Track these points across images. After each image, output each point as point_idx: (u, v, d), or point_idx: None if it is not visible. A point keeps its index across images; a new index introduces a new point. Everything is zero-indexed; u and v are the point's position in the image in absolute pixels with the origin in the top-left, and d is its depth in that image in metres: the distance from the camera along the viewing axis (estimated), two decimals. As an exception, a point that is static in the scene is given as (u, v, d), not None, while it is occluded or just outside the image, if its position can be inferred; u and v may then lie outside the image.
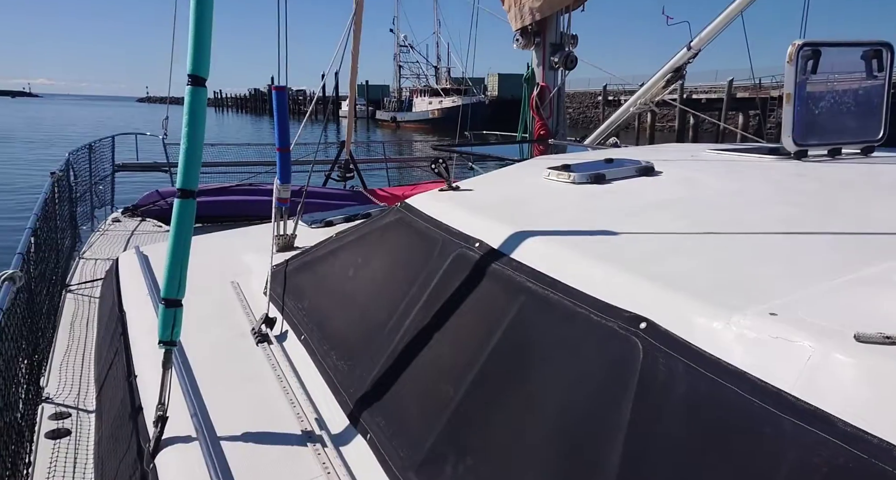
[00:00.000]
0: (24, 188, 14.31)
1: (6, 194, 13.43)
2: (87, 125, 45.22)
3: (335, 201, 5.69)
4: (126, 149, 7.36)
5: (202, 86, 1.41)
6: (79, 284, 3.65)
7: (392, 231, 1.98)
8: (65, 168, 4.62)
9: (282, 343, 1.96)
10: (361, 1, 2.92)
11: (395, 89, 69.19)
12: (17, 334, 2.25)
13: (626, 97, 5.45)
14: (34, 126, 43.42)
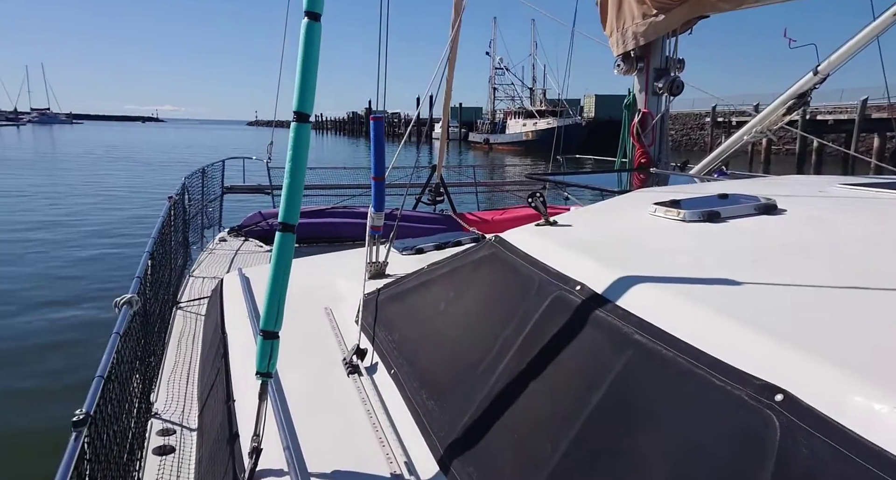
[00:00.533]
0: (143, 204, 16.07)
1: (127, 210, 15.12)
2: (201, 147, 49.89)
3: (425, 225, 5.80)
4: (234, 171, 7.95)
5: (306, 123, 1.46)
6: (188, 301, 3.86)
7: (485, 266, 1.94)
8: (181, 192, 5.01)
9: (372, 375, 1.95)
10: (458, 26, 3.00)
11: (488, 111, 70.18)
12: (133, 354, 2.37)
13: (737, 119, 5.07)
14: (156, 148, 48.49)
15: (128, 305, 2.26)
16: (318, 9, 1.39)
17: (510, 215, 6.42)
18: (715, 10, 3.87)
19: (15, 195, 17.16)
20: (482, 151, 55.31)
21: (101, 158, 32.93)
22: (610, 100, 51.74)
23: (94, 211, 14.69)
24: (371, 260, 2.70)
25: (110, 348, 1.98)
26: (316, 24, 1.40)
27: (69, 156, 33.80)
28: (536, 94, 62.03)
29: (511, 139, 55.84)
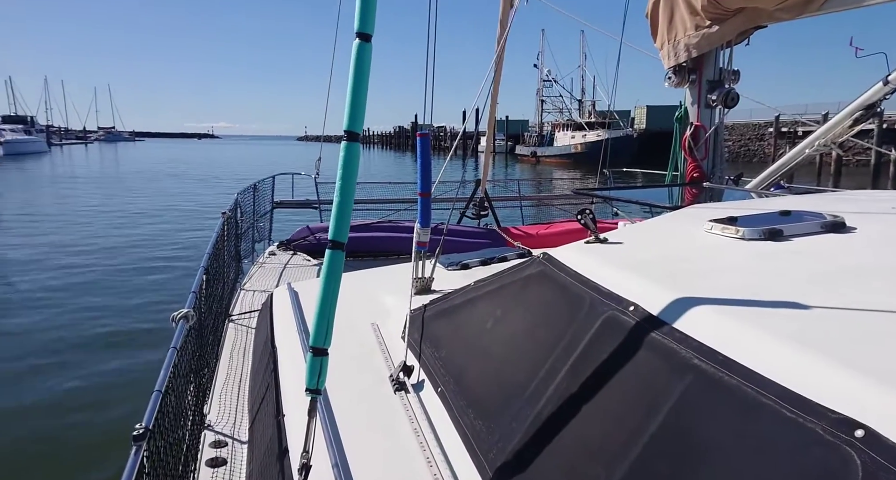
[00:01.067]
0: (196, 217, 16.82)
1: (181, 223, 15.86)
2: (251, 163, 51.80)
3: (469, 239, 5.84)
4: (283, 186, 8.19)
5: (356, 142, 1.47)
6: (239, 314, 3.95)
7: (533, 284, 1.91)
8: (234, 207, 5.18)
9: (419, 393, 1.95)
10: (504, 41, 3.04)
11: (535, 124, 69.96)
12: (188, 367, 2.44)
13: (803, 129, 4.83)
14: (209, 164, 50.68)
15: (184, 320, 2.33)
16: (368, 30, 1.42)
17: (555, 230, 6.38)
18: (772, 20, 3.78)
19: (82, 209, 18.30)
20: (529, 164, 55.09)
21: (159, 174, 34.67)
22: (662, 111, 50.69)
23: (151, 224, 15.49)
24: (417, 276, 2.73)
25: (167, 362, 2.04)
26: (367, 44, 1.42)
27: (130, 173, 35.72)
28: (585, 106, 61.47)
29: (559, 152, 55.44)
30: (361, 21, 1.40)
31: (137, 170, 37.25)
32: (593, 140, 49.24)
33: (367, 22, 1.41)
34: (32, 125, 74.36)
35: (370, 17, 1.42)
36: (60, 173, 34.81)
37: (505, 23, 4.15)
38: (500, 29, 4.27)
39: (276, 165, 22.54)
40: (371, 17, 1.42)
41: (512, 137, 71.29)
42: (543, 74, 65.81)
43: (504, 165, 52.27)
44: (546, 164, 53.35)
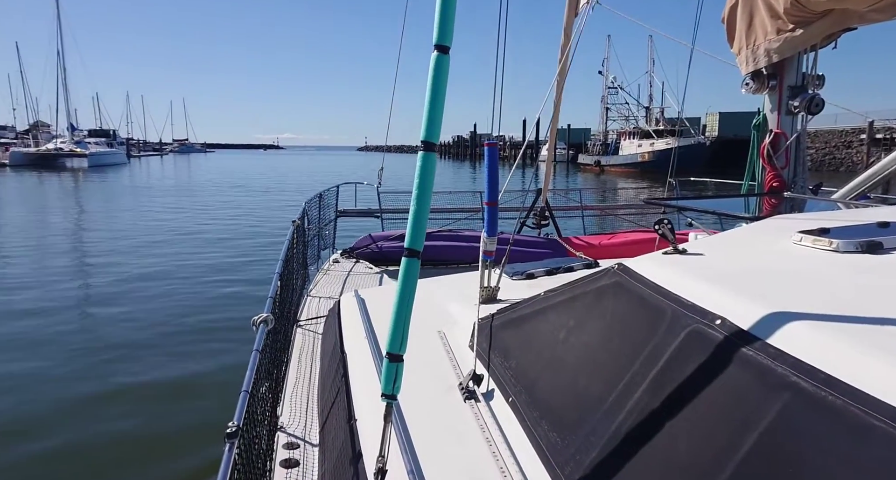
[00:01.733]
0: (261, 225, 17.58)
1: (248, 229, 16.62)
2: (316, 173, 53.59)
3: (530, 249, 5.83)
4: (346, 196, 8.45)
5: (432, 152, 1.48)
6: (306, 320, 4.09)
7: (608, 295, 1.89)
8: (302, 216, 5.38)
9: (489, 402, 1.97)
10: (568, 51, 3.06)
11: (599, 132, 68.81)
12: (266, 370, 2.53)
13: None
14: (272, 174, 52.80)
15: (264, 323, 2.42)
16: (447, 42, 1.45)
17: (619, 240, 6.27)
18: (864, 22, 3.59)
19: (156, 218, 19.53)
20: (592, 173, 54.13)
21: (226, 184, 36.46)
22: (735, 118, 48.64)
23: (220, 232, 16.32)
24: (484, 285, 2.75)
25: (252, 364, 2.12)
26: (445, 56, 1.45)
27: (200, 184, 37.74)
28: (653, 113, 59.86)
29: (625, 160, 54.22)
30: (440, 33, 1.44)
31: (206, 181, 39.30)
32: (662, 148, 47.88)
33: (445, 34, 1.44)
34: (114, 138, 79.87)
35: (448, 29, 1.45)
36: (137, 183, 37.26)
37: (569, 31, 4.15)
38: (565, 38, 4.27)
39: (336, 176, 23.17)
40: (449, 29, 1.45)
41: (573, 146, 70.37)
42: (609, 81, 64.66)
43: (565, 175, 51.54)
44: (610, 174, 52.25)
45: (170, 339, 7.48)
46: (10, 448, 4.81)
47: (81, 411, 5.53)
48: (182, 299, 9.37)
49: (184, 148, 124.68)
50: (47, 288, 9.87)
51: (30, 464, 4.64)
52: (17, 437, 5.00)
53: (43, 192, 30.24)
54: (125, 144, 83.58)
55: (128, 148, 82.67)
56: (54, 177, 41.02)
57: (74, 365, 6.65)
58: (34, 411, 5.50)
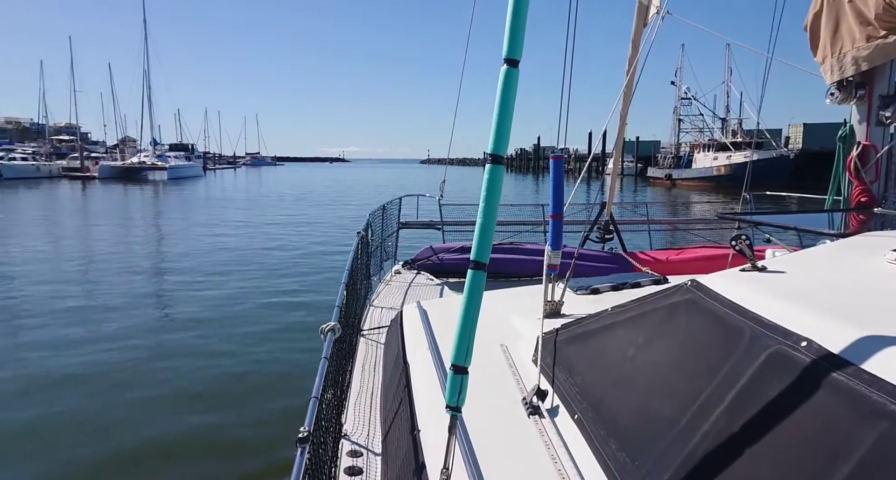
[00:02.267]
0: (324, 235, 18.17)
1: (313, 239, 17.21)
2: (379, 185, 54.83)
3: (594, 263, 5.76)
4: (407, 208, 8.63)
5: (500, 165, 1.50)
6: (369, 330, 4.20)
7: (681, 312, 1.85)
8: (366, 227, 5.55)
9: (553, 418, 1.95)
10: (636, 61, 3.04)
11: (671, 144, 66.71)
12: (332, 378, 2.57)
13: None
14: (337, 186, 54.55)
15: (332, 332, 2.51)
16: (516, 56, 1.46)
17: (688, 255, 6.10)
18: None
19: (228, 228, 20.58)
20: (663, 187, 52.44)
21: (293, 197, 37.92)
22: (822, 129, 46.03)
23: (287, 241, 17.01)
24: (548, 299, 2.75)
25: (321, 371, 2.19)
26: (514, 70, 1.47)
27: (270, 196, 39.42)
28: (730, 125, 57.44)
29: (699, 174, 52.20)
30: (510, 47, 1.45)
31: (275, 193, 40.98)
32: (740, 161, 45.78)
33: (515, 48, 1.46)
34: (192, 152, 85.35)
35: (518, 43, 1.46)
36: (210, 196, 39.33)
37: (637, 43, 4.10)
38: (632, 49, 4.22)
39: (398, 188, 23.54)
40: (519, 43, 1.46)
41: (642, 159, 68.54)
42: (682, 92, 62.68)
43: (633, 188, 50.19)
44: (682, 188, 50.43)
45: (237, 341, 7.90)
46: (93, 444, 5.20)
47: (153, 409, 5.91)
48: (248, 305, 9.83)
49: (255, 161, 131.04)
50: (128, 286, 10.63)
51: (115, 458, 5.00)
52: (101, 433, 5.39)
53: (126, 203, 32.54)
54: (202, 158, 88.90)
55: (204, 161, 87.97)
56: (137, 188, 43.88)
57: (143, 361, 7.14)
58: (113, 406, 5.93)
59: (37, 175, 52.20)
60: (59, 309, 9.43)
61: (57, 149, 66.82)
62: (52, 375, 6.68)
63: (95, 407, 5.91)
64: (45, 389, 6.30)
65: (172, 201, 34.24)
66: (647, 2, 3.89)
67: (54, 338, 7.95)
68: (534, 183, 58.63)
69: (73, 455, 4.99)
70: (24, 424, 5.50)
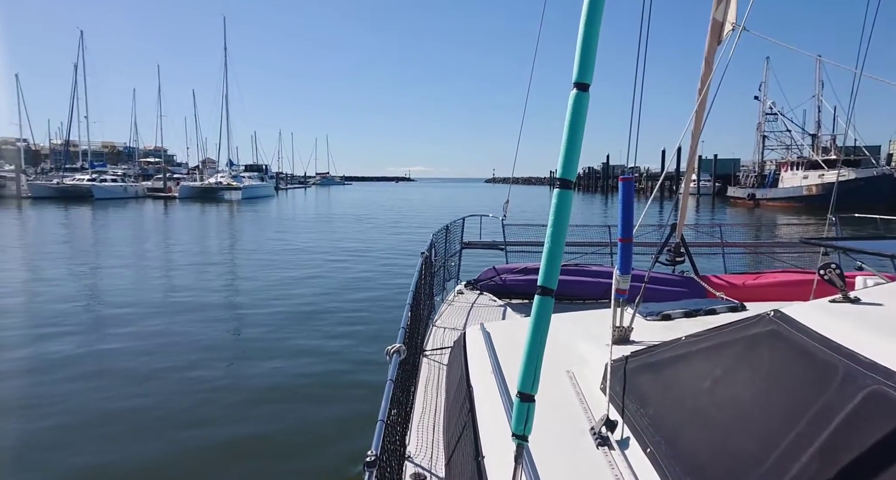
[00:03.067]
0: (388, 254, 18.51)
1: (377, 259, 17.58)
2: (443, 204, 55.40)
3: (664, 287, 5.60)
4: (471, 227, 8.68)
5: (570, 189, 1.50)
6: (432, 350, 4.23)
7: (763, 344, 1.79)
8: (430, 247, 5.64)
9: (624, 450, 1.91)
10: (709, 80, 2.97)
11: (752, 162, 63.73)
12: (397, 399, 2.58)
13: None
14: (403, 204, 55.77)
15: (397, 354, 2.55)
16: (587, 79, 1.47)
17: (766, 280, 5.82)
18: None
19: (296, 246, 21.39)
20: (745, 208, 49.99)
21: (358, 217, 38.95)
22: (930, 145, 42.64)
23: (351, 261, 17.49)
24: (616, 325, 2.70)
25: (387, 394, 2.23)
26: (584, 94, 1.47)
27: (338, 215, 40.71)
28: (821, 141, 54.21)
29: (786, 194, 49.44)
30: (581, 71, 1.46)
31: (342, 213, 42.24)
32: (833, 180, 43.03)
33: (586, 72, 1.46)
34: (266, 172, 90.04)
35: (589, 67, 1.46)
36: (282, 216, 41.00)
37: (711, 60, 4.00)
38: (706, 67, 4.11)
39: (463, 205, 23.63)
40: (590, 67, 1.46)
41: (720, 178, 65.80)
42: (766, 107, 59.89)
43: (710, 209, 48.15)
44: (767, 208, 47.91)
45: (302, 356, 8.21)
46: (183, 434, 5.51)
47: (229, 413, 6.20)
48: (313, 320, 10.18)
49: (325, 180, 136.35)
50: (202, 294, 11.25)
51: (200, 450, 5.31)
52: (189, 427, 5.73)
53: (203, 222, 34.56)
54: (274, 178, 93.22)
55: (276, 181, 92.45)
56: (213, 207, 46.62)
57: (209, 367, 7.52)
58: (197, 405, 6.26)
59: (124, 195, 56.28)
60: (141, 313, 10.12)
61: (144, 171, 72.58)
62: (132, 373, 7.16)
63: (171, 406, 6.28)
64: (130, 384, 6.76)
65: (246, 218, 36.05)
66: (722, 18, 3.80)
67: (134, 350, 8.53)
68: (602, 203, 57.45)
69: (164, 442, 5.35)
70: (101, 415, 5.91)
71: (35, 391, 6.90)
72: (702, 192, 65.94)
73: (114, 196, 54.33)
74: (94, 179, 55.89)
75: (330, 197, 75.25)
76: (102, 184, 55.15)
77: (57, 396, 6.71)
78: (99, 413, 6.31)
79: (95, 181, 55.34)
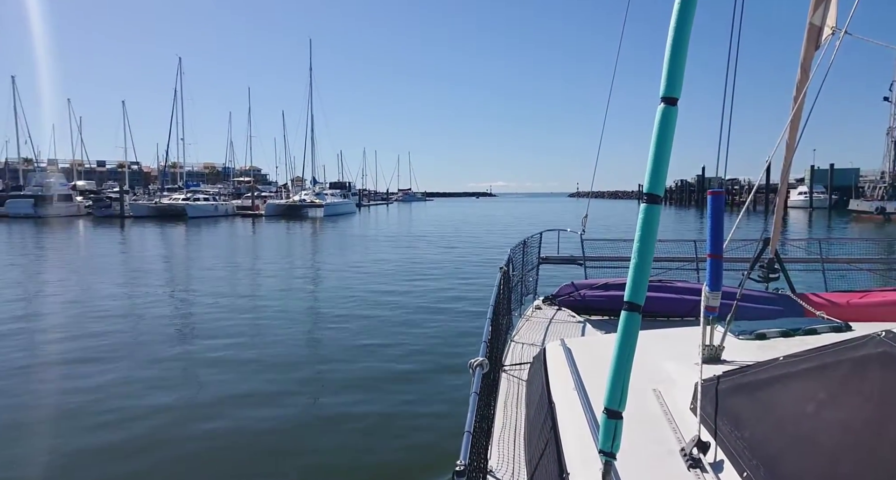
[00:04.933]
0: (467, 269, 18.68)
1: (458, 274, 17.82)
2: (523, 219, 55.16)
3: (756, 305, 5.38)
4: (549, 242, 8.71)
5: (657, 204, 1.51)
6: (510, 365, 4.30)
7: (874, 367, 1.74)
8: (508, 262, 5.71)
9: (717, 473, 1.91)
10: (806, 87, 2.89)
11: (883, 171, 58.51)
12: (481, 413, 2.65)
13: None
14: (484, 220, 56.09)
15: (480, 367, 2.65)
16: (675, 94, 1.48)
17: (874, 299, 5.44)
18: None
19: (379, 266, 22.07)
20: (872, 223, 45.96)
21: (440, 234, 39.48)
22: None
23: (433, 277, 17.83)
24: (706, 343, 2.69)
25: (472, 406, 2.30)
26: (672, 108, 1.48)
27: (418, 234, 41.47)
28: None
29: None
30: (668, 85, 1.47)
31: (423, 232, 42.94)
32: None
33: (674, 86, 1.47)
34: (349, 189, 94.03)
35: (678, 81, 1.47)
36: (363, 232, 42.26)
37: (808, 67, 3.86)
38: (801, 74, 3.95)
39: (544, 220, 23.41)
40: (678, 81, 1.47)
41: (838, 190, 61.07)
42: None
43: (826, 224, 44.74)
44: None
45: (382, 371, 8.60)
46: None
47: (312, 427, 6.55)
48: (390, 337, 10.52)
49: (406, 197, 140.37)
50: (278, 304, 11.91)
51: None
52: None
53: (286, 238, 36.38)
54: (357, 195, 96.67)
55: (360, 197, 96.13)
56: (297, 224, 48.94)
57: (288, 378, 8.09)
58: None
59: (215, 213, 60.16)
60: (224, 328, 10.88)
61: (237, 190, 77.79)
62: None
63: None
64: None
65: (328, 235, 37.60)
66: (820, 22, 3.67)
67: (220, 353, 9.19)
68: (697, 217, 54.86)
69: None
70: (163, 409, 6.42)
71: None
72: (815, 205, 61.56)
73: (206, 214, 58.00)
74: (188, 199, 59.87)
75: (412, 213, 76.97)
76: (195, 203, 58.89)
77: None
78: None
79: (189, 200, 59.24)
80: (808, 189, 65.12)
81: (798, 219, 51.64)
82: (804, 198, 64.66)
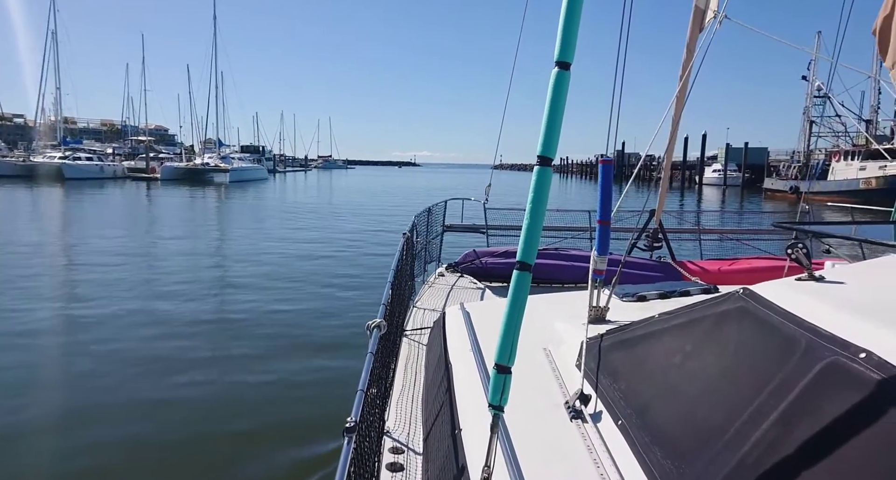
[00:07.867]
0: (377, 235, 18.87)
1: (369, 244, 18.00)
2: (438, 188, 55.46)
3: (640, 271, 5.97)
4: (453, 210, 9.17)
5: (548, 167, 1.60)
6: (412, 330, 4.51)
7: (731, 320, 1.96)
8: (411, 229, 5.95)
9: (596, 423, 2.09)
10: (690, 67, 3.19)
11: (796, 151, 62.70)
12: (377, 375, 2.76)
13: None
14: (403, 190, 56.05)
15: (377, 329, 2.79)
16: (568, 58, 1.58)
17: (740, 266, 6.22)
18: None
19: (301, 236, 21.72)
20: (786, 202, 49.34)
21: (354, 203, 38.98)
22: None
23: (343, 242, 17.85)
24: (593, 304, 2.97)
25: (367, 366, 2.43)
26: (566, 73, 1.58)
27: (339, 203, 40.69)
28: (877, 128, 52.83)
29: (839, 187, 47.20)
30: (562, 49, 1.59)
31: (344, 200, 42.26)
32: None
33: (567, 50, 1.59)
34: (263, 154, 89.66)
35: (571, 46, 1.60)
36: (267, 202, 40.20)
37: (692, 47, 4.25)
38: (687, 54, 4.36)
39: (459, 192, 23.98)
40: (572, 46, 1.60)
41: (751, 168, 64.61)
42: (814, 88, 58.51)
43: (737, 201, 47.13)
44: (814, 202, 46.78)
45: (282, 339, 8.89)
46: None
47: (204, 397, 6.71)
48: (295, 303, 10.88)
49: (327, 164, 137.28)
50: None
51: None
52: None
53: (176, 207, 33.58)
54: (273, 160, 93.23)
55: (275, 163, 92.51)
56: (199, 191, 45.81)
57: (202, 351, 8.20)
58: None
59: (100, 175, 55.72)
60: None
61: (135, 150, 72.56)
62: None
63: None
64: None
65: (227, 206, 35.27)
66: (704, 6, 4.09)
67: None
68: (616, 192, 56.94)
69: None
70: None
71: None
72: (729, 183, 64.82)
73: (88, 176, 53.49)
74: (66, 157, 54.99)
75: (332, 181, 75.41)
76: (74, 163, 54.06)
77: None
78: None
79: (68, 159, 54.46)
80: (723, 167, 68.24)
81: (711, 196, 54.06)
82: (718, 176, 67.57)
